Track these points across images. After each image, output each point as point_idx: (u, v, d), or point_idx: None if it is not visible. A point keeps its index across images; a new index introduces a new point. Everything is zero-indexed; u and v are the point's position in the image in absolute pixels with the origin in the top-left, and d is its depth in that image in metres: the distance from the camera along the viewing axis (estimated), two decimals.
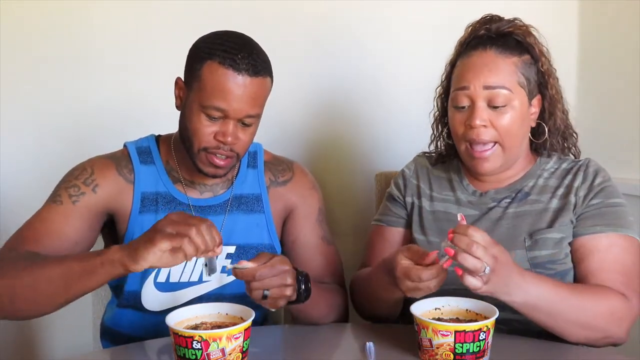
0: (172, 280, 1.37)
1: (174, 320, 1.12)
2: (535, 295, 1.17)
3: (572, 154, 1.45)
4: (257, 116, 1.30)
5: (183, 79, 1.34)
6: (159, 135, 1.46)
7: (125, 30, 2.01)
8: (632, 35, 1.90)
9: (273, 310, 1.21)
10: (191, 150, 1.31)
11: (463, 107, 1.33)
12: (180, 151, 1.38)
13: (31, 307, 1.19)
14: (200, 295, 1.39)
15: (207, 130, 1.28)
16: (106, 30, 2.01)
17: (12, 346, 2.12)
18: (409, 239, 1.46)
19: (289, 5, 2.07)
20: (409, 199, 1.48)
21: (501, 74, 1.31)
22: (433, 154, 1.53)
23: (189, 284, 1.38)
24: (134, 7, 2.01)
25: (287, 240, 1.48)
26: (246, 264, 1.17)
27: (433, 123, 1.49)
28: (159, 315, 1.33)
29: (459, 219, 1.14)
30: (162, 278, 1.37)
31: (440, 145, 1.50)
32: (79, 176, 1.36)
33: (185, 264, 1.36)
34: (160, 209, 1.38)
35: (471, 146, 1.34)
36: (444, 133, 1.48)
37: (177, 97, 1.34)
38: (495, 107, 1.31)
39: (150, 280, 1.36)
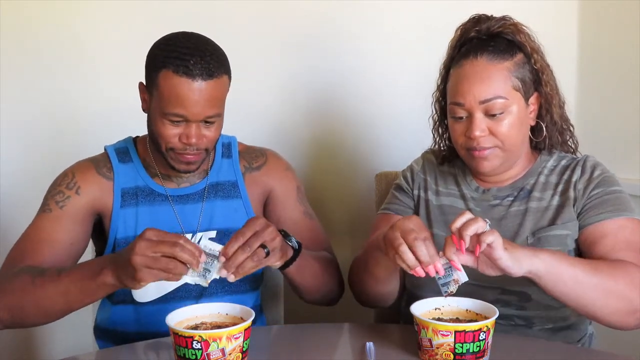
0: None
1: (174, 320, 1.12)
2: (550, 262, 1.15)
3: (570, 145, 1.44)
4: (218, 115, 1.35)
5: (145, 83, 1.37)
6: (137, 137, 1.52)
7: (120, 32, 2.02)
8: (632, 35, 1.90)
9: (277, 264, 1.26)
10: (160, 150, 1.37)
11: (461, 118, 1.34)
12: (155, 149, 1.42)
13: (39, 320, 1.29)
14: (187, 282, 1.41)
15: (171, 133, 1.33)
16: (102, 31, 2.02)
17: (12, 346, 2.12)
18: None
19: (288, 5, 2.07)
20: (416, 192, 1.50)
21: (494, 83, 1.30)
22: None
23: None
24: (134, 7, 2.02)
25: (270, 222, 1.48)
26: (213, 245, 1.18)
27: (433, 128, 1.50)
28: (149, 306, 1.41)
29: (439, 254, 1.15)
30: None
31: (443, 146, 1.50)
32: (61, 183, 1.42)
33: None
34: (141, 202, 1.44)
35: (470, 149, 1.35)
36: (444, 137, 1.49)
37: (142, 100, 1.39)
38: (493, 115, 1.31)
39: None
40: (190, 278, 1.17)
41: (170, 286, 1.42)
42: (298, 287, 1.41)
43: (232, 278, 1.17)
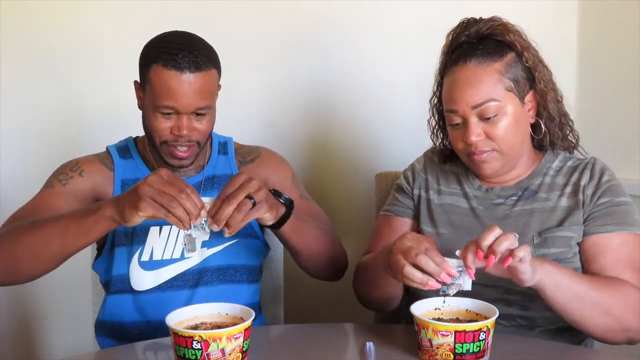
0: (155, 258, 1.45)
1: (174, 320, 1.12)
2: (557, 275, 1.18)
3: (570, 140, 1.44)
4: (208, 107, 1.39)
5: (139, 81, 1.43)
6: (137, 137, 1.57)
7: (120, 32, 2.02)
8: (632, 35, 1.90)
9: (267, 215, 1.25)
10: (154, 144, 1.42)
11: (458, 124, 1.35)
12: (151, 145, 1.48)
13: (34, 266, 1.29)
14: (184, 271, 1.45)
15: (163, 126, 1.39)
16: (102, 31, 2.02)
17: (12, 347, 2.12)
18: (415, 231, 1.47)
19: (288, 5, 2.07)
20: (416, 192, 1.50)
21: (484, 87, 1.30)
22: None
23: (171, 260, 1.45)
24: (134, 7, 2.02)
25: None
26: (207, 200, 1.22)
27: (432, 133, 1.49)
28: (147, 295, 1.44)
29: (457, 253, 1.15)
30: (145, 257, 1.44)
31: (443, 146, 1.50)
32: (66, 166, 1.49)
33: (167, 241, 1.45)
34: None
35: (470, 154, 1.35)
36: (445, 142, 1.48)
37: (137, 97, 1.45)
38: (488, 119, 1.31)
39: (135, 261, 1.44)
40: (192, 230, 1.19)
41: (167, 275, 1.44)
42: (298, 250, 1.42)
43: (226, 233, 1.20)
